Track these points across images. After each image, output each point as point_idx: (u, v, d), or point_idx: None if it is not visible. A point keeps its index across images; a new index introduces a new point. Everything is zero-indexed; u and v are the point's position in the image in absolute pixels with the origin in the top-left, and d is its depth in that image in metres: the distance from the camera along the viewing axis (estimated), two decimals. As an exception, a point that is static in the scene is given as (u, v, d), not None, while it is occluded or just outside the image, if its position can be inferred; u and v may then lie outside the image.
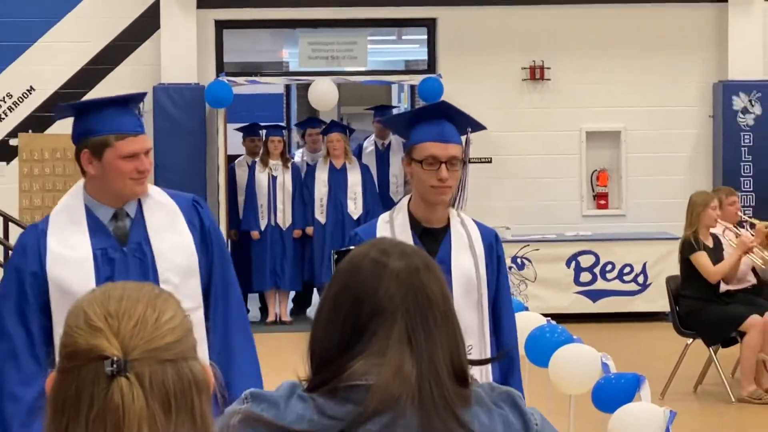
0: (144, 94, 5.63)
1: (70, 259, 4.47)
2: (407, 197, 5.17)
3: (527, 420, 2.65)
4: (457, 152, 4.96)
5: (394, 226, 4.93)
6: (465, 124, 5.11)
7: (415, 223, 4.95)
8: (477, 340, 4.85)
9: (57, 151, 15.58)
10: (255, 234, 15.35)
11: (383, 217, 5.11)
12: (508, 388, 2.80)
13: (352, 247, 2.88)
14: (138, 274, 4.50)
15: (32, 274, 4.39)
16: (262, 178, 15.20)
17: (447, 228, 5.01)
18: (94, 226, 4.61)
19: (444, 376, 2.53)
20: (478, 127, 5.25)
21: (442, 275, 2.74)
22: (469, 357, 3.86)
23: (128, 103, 4.94)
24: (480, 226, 5.23)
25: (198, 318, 4.54)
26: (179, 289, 4.51)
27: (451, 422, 2.48)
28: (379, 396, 2.47)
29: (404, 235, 4.83)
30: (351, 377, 2.51)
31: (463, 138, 5.11)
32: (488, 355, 4.91)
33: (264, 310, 15.63)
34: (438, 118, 4.95)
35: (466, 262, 4.90)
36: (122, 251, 4.58)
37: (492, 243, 5.16)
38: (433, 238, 4.92)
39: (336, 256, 2.96)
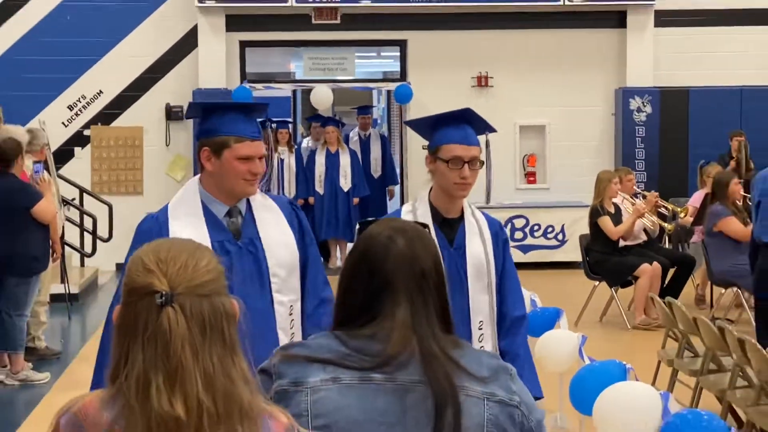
0: (266, 105, 5.24)
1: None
2: (427, 190, 4.88)
3: (506, 366, 2.85)
4: (478, 153, 4.88)
5: (416, 215, 4.70)
6: (483, 128, 5.07)
7: (435, 214, 4.79)
8: (487, 317, 4.69)
9: (120, 140, 16.34)
10: None
11: (407, 207, 4.87)
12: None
13: (372, 219, 2.97)
14: (252, 266, 4.34)
15: None
16: (273, 159, 15.59)
17: (461, 218, 4.90)
18: (211, 219, 4.38)
19: (436, 328, 2.73)
20: (491, 130, 5.19)
21: (435, 249, 2.95)
22: (480, 331, 4.11)
23: (251, 110, 4.69)
24: (486, 216, 5.14)
25: (298, 309, 4.41)
26: (285, 282, 4.42)
27: (445, 360, 2.69)
28: (397, 339, 2.67)
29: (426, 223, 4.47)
30: (369, 329, 2.73)
31: (483, 140, 5.06)
32: (495, 331, 4.72)
33: None
34: (461, 122, 4.84)
35: (477, 248, 4.80)
36: (237, 245, 4.37)
37: (497, 230, 5.08)
38: (449, 226, 4.80)
39: (359, 226, 2.97)
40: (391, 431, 2.71)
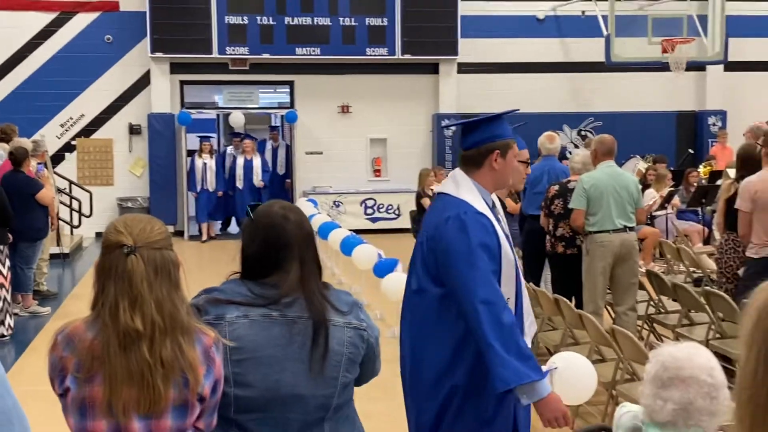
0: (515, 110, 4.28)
1: (501, 234, 3.72)
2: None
3: (356, 301, 2.99)
4: None
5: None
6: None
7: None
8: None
9: (97, 148, 17.20)
10: (193, 194, 16.48)
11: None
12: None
13: (257, 203, 2.98)
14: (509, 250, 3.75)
15: (496, 247, 3.66)
16: (199, 163, 16.42)
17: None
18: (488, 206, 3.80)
19: (317, 277, 2.92)
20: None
21: (308, 221, 3.00)
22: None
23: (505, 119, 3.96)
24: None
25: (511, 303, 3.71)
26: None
27: (320, 300, 2.85)
28: (287, 286, 2.84)
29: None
30: (271, 279, 2.86)
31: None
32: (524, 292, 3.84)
33: (199, 235, 16.37)
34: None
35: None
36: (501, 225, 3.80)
37: None
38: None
39: (249, 208, 2.91)
40: (283, 351, 2.80)
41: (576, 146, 16.75)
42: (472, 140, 3.82)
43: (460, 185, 3.79)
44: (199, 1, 16.64)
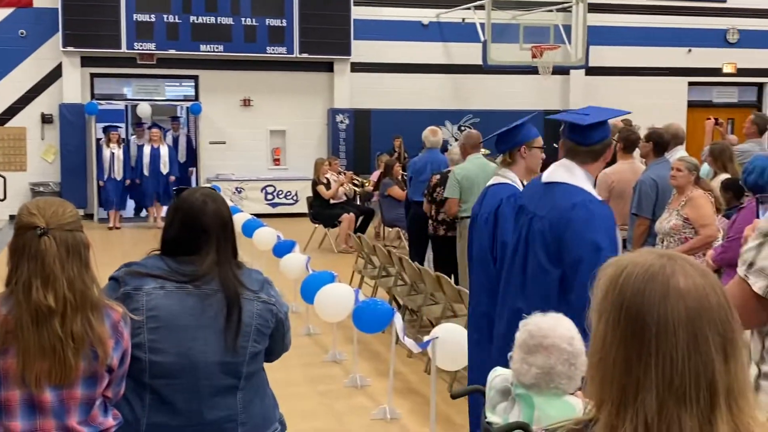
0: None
1: None
2: (515, 173, 4.50)
3: (267, 279, 2.97)
4: None
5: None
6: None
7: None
8: None
9: (11, 135, 16.68)
10: (101, 182, 15.81)
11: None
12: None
13: (183, 187, 2.96)
14: None
15: (613, 233, 3.63)
16: (106, 152, 15.78)
17: None
18: None
19: (231, 258, 2.89)
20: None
21: (228, 207, 2.97)
22: None
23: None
24: None
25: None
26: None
27: (234, 278, 2.83)
28: (203, 268, 2.82)
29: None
30: (189, 259, 2.85)
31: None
32: None
33: (107, 219, 15.70)
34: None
35: None
36: None
37: None
38: None
39: (175, 192, 2.87)
40: (196, 320, 2.80)
41: (456, 140, 16.74)
42: (597, 137, 3.79)
43: (575, 175, 3.77)
44: (108, -3, 15.83)
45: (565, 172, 3.79)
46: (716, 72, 19.84)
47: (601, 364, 1.46)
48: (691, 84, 19.78)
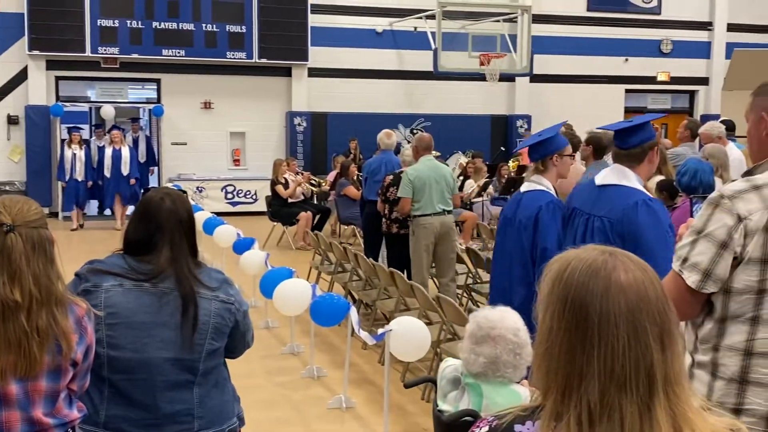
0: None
1: None
2: (549, 182, 4.56)
3: (227, 278, 2.93)
4: None
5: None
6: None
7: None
8: None
9: None
10: (62, 184, 15.30)
11: (549, 192, 4.43)
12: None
13: (151, 187, 2.71)
14: None
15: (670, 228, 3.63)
16: (68, 153, 15.26)
17: None
18: None
19: (188, 256, 2.85)
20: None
21: (189, 206, 2.95)
22: None
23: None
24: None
25: None
26: None
27: (190, 276, 2.79)
28: (159, 265, 2.79)
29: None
30: (147, 258, 2.81)
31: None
32: None
33: (69, 219, 15.21)
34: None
35: None
36: None
37: None
38: None
39: (143, 192, 2.53)
40: (153, 318, 2.78)
41: (408, 142, 16.87)
42: (637, 140, 3.84)
43: (628, 177, 3.83)
44: (73, 4, 16.02)
45: (617, 175, 3.87)
46: (651, 80, 20.21)
47: (546, 354, 1.47)
48: (627, 91, 20.10)
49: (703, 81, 20.50)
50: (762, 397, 2.43)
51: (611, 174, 3.89)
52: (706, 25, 20.29)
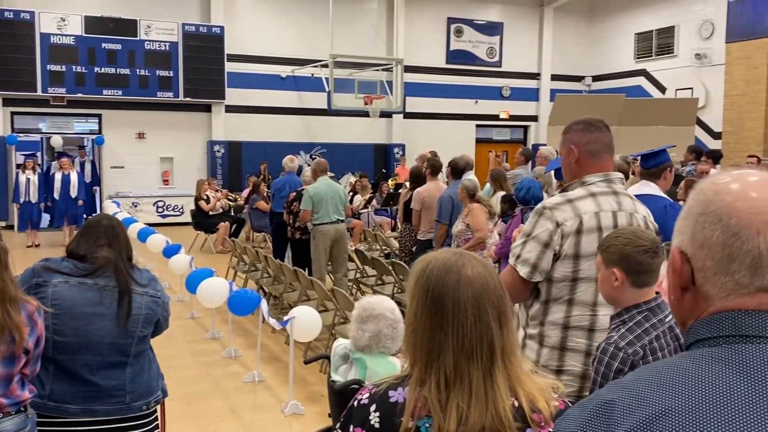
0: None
1: None
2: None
3: (154, 277, 2.88)
4: None
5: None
6: None
7: None
8: None
9: None
10: (16, 206, 14.11)
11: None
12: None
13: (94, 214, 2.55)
14: None
15: None
16: (22, 178, 14.13)
17: None
18: None
19: (125, 259, 2.79)
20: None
21: (119, 226, 2.84)
22: None
23: None
24: None
25: None
26: None
27: (126, 275, 2.73)
28: (99, 263, 2.73)
29: None
30: (90, 259, 2.74)
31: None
32: None
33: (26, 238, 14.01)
34: None
35: None
36: None
37: None
38: None
39: (85, 218, 2.34)
40: (93, 309, 2.72)
41: (308, 165, 16.72)
42: (652, 163, 3.94)
43: (653, 188, 3.90)
44: (26, 51, 15.30)
45: (646, 187, 3.92)
46: (495, 117, 20.60)
47: (413, 333, 1.50)
48: (478, 126, 20.43)
49: (534, 118, 21.04)
50: (577, 360, 2.52)
51: (642, 188, 3.95)
52: (535, 76, 20.87)
